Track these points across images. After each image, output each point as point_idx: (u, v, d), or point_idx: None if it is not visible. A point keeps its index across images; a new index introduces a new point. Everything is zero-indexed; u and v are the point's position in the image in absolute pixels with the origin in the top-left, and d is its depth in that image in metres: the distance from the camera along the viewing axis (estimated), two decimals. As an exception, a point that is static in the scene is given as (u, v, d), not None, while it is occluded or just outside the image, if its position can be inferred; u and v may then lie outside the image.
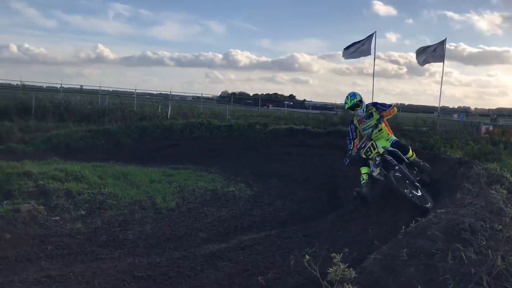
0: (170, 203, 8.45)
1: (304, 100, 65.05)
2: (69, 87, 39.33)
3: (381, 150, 6.89)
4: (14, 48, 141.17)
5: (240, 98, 54.51)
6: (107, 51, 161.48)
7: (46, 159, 11.65)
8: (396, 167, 6.63)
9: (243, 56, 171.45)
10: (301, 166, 12.12)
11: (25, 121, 18.85)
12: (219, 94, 64.29)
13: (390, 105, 7.36)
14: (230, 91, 67.06)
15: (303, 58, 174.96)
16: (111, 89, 37.75)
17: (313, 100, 63.40)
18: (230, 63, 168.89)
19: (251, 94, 63.65)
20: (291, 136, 13.95)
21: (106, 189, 8.79)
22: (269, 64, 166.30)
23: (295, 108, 46.58)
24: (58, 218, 7.23)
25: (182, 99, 41.08)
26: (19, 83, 35.64)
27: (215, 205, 8.59)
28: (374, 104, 7.47)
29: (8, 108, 20.08)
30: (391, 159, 6.76)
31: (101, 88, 35.43)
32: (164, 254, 5.88)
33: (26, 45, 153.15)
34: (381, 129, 7.35)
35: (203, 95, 47.85)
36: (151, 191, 9.17)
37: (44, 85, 39.07)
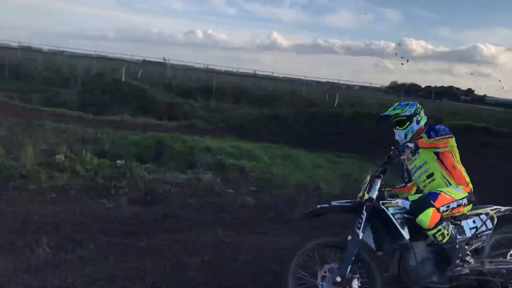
0: (333, 190, 8.57)
1: (485, 95, 58.38)
2: (244, 72, 42.02)
3: (366, 196, 3.75)
4: (200, 34, 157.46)
5: (410, 90, 51.52)
6: (280, 39, 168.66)
7: (224, 137, 12.86)
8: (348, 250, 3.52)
9: (417, 46, 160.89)
10: (478, 168, 11.02)
11: (207, 100, 20.98)
12: (387, 84, 61.82)
13: (446, 134, 3.88)
14: (399, 82, 63.90)
15: (487, 49, 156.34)
16: (281, 75, 39.34)
17: (496, 96, 56.47)
18: (403, 53, 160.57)
19: (423, 86, 59.44)
20: (469, 134, 12.80)
21: (274, 169, 9.31)
22: (446, 55, 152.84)
23: (473, 103, 42.39)
24: (232, 190, 7.89)
25: (349, 88, 40.72)
26: (202, 65, 39.57)
27: (378, 197, 8.41)
28: (429, 131, 4.01)
29: (193, 89, 22.63)
30: (360, 221, 3.61)
31: (273, 74, 37.20)
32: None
33: (210, 31, 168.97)
34: (431, 175, 4.06)
35: (371, 85, 46.70)
36: (315, 175, 9.41)
37: (222, 69, 42.49)
